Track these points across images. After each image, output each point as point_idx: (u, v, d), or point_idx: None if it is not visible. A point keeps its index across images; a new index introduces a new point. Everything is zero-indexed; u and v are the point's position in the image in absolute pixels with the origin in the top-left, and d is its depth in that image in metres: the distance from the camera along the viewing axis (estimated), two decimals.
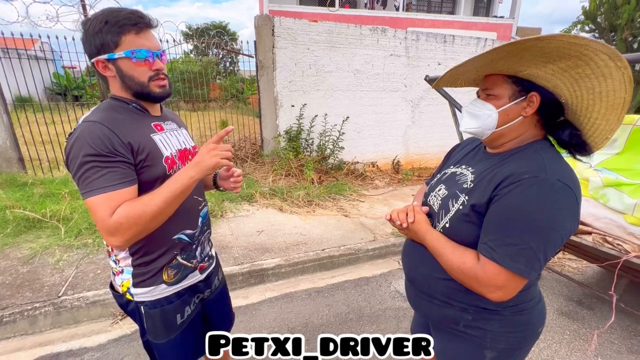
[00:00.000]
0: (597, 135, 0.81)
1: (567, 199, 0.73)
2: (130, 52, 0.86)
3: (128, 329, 2.02)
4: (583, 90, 0.76)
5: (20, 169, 4.24)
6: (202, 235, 1.13)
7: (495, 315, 0.90)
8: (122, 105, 0.93)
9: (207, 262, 1.17)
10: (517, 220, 0.74)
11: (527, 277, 0.75)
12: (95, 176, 0.81)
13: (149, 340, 1.07)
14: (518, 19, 12.31)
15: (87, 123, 0.84)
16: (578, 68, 0.73)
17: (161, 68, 0.92)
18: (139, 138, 0.89)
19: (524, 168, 0.77)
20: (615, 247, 1.57)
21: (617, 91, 0.73)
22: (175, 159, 0.99)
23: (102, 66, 0.89)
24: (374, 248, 3.03)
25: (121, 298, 1.04)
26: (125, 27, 0.85)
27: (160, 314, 1.02)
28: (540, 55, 0.74)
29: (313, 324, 2.13)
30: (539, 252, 0.73)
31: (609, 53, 0.68)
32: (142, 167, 0.89)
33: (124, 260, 0.98)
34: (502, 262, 0.74)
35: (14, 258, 2.52)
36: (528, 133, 0.86)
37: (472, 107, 0.90)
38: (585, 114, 0.80)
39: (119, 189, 0.83)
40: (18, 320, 1.95)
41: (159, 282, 1.00)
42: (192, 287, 1.10)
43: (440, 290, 0.94)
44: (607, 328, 2.15)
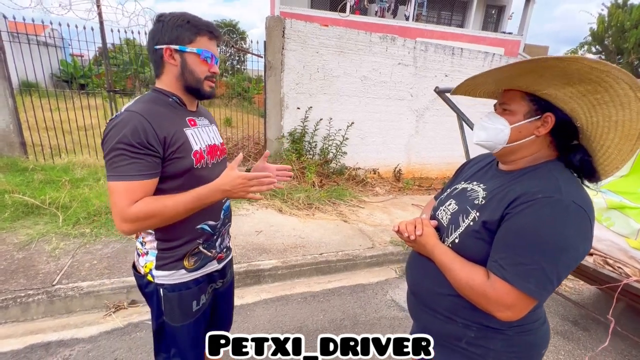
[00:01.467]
0: (607, 163, 0.81)
1: (582, 221, 0.73)
2: (201, 50, 0.98)
3: (121, 322, 2.00)
4: (600, 116, 0.76)
5: (22, 153, 4.23)
6: (224, 227, 1.19)
7: (499, 334, 0.89)
8: (163, 98, 1.01)
9: (225, 253, 1.24)
10: (529, 240, 0.73)
11: (538, 298, 0.74)
12: (122, 163, 0.87)
13: (165, 322, 1.12)
14: (526, 36, 12.41)
15: (129, 113, 0.90)
16: (597, 94, 0.73)
17: (216, 72, 1.05)
18: (173, 131, 0.95)
19: (537, 187, 0.77)
20: (615, 270, 1.56)
21: (634, 122, 0.73)
22: (204, 154, 1.05)
23: (169, 54, 0.97)
24: (371, 255, 3.02)
25: (142, 279, 1.10)
26: (202, 30, 0.99)
27: (178, 298, 1.08)
28: (561, 76, 0.73)
29: (307, 328, 2.11)
30: (552, 273, 0.72)
31: (630, 83, 0.68)
32: (172, 158, 0.95)
33: (150, 243, 1.04)
34: (512, 281, 0.73)
35: (9, 243, 2.50)
36: (541, 152, 0.85)
37: (487, 119, 0.90)
38: (599, 141, 0.80)
39: (140, 180, 0.89)
40: (10, 307, 1.93)
41: (179, 267, 1.06)
42: (208, 276, 1.17)
43: (445, 305, 0.93)
44: (602, 352, 2.14)
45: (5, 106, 4.01)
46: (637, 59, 8.43)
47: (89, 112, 5.30)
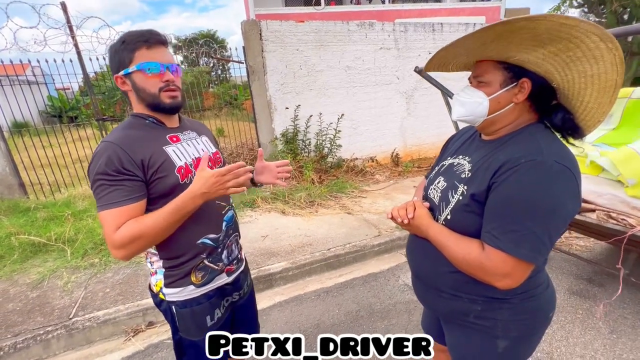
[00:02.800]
0: (589, 118, 0.81)
1: (566, 180, 0.73)
2: (140, 65, 0.93)
3: (141, 345, 2.02)
4: (574, 73, 0.75)
5: (22, 194, 4.26)
6: (228, 239, 1.17)
7: (505, 303, 0.89)
8: (140, 122, 1.01)
9: (235, 265, 1.21)
10: (518, 207, 0.73)
11: (534, 262, 0.74)
12: (103, 193, 0.89)
13: (182, 338, 1.13)
14: (506, 0, 12.26)
15: (104, 143, 0.92)
16: (569, 51, 0.72)
17: (171, 79, 0.98)
18: (150, 152, 0.95)
19: (520, 152, 0.77)
20: (620, 222, 1.56)
21: (609, 73, 0.72)
22: (191, 168, 1.03)
23: (120, 82, 0.98)
24: (379, 243, 3.03)
25: (156, 297, 1.12)
26: (138, 44, 0.94)
27: (191, 314, 1.09)
28: (531, 39, 0.72)
29: (325, 324, 2.13)
30: (544, 236, 0.73)
31: (599, 34, 0.67)
32: (155, 179, 0.95)
33: (156, 262, 1.06)
34: (506, 249, 0.74)
35: (22, 284, 2.53)
36: (522, 118, 0.85)
37: (463, 95, 0.89)
38: (577, 97, 0.79)
39: (124, 206, 0.89)
40: (32, 346, 1.96)
41: (187, 283, 1.07)
42: (220, 289, 1.16)
43: (448, 283, 0.94)
44: (619, 303, 2.14)
45: None
46: (621, 7, 8.28)
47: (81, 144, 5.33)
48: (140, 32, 0.96)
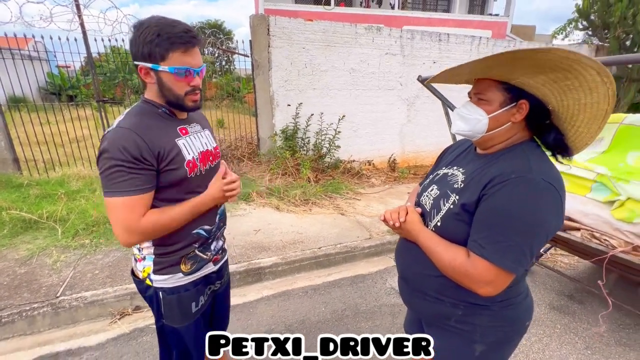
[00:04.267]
0: (579, 141, 0.85)
1: (551, 197, 0.77)
2: (174, 69, 0.92)
3: (127, 328, 2.04)
4: (570, 100, 0.79)
5: (15, 170, 4.22)
6: (219, 231, 1.22)
7: (485, 310, 0.93)
8: (152, 110, 1.01)
9: (221, 255, 1.27)
10: (505, 219, 0.77)
11: (515, 273, 0.78)
12: (120, 179, 0.89)
13: (164, 325, 1.15)
14: (513, 16, 12.38)
15: (122, 129, 0.92)
16: (567, 80, 0.76)
17: (198, 85, 0.99)
18: (165, 144, 0.97)
19: (511, 168, 0.80)
20: (602, 243, 1.61)
21: (601, 103, 0.76)
22: (197, 162, 1.06)
23: (144, 72, 0.95)
24: (369, 246, 3.07)
25: (141, 284, 1.13)
26: (175, 45, 0.90)
27: (177, 301, 1.11)
28: (534, 66, 0.76)
29: (310, 321, 2.16)
30: (526, 248, 0.76)
31: (597, 69, 0.71)
32: (166, 170, 0.97)
33: (147, 249, 1.07)
34: (491, 258, 0.77)
35: (11, 259, 2.52)
36: (516, 135, 0.89)
37: (464, 110, 0.92)
38: (570, 121, 0.83)
39: (139, 195, 0.92)
40: (17, 321, 1.96)
41: (177, 270, 1.09)
42: (206, 278, 1.20)
43: (433, 286, 0.97)
44: (597, 321, 2.20)
45: None
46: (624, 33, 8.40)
47: (79, 124, 5.30)
48: (179, 31, 0.91)
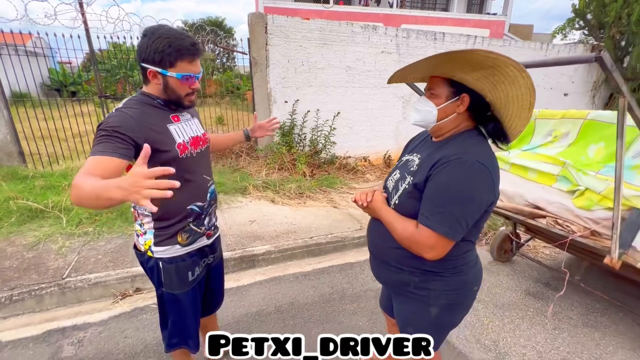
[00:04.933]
0: (513, 128, 0.99)
1: (483, 176, 0.91)
2: (181, 75, 1.09)
3: (128, 307, 2.19)
4: (500, 93, 0.94)
5: (20, 162, 4.37)
6: (210, 208, 1.36)
7: (438, 276, 1.08)
8: (149, 101, 1.16)
9: (213, 231, 1.43)
10: (443, 193, 0.92)
11: (452, 239, 0.93)
12: (95, 143, 0.99)
13: (164, 293, 1.31)
14: (511, 16, 12.45)
15: (119, 111, 1.07)
16: (495, 76, 0.90)
17: (197, 88, 1.16)
18: (156, 128, 1.12)
19: (452, 152, 0.95)
20: (564, 228, 1.75)
21: (524, 95, 0.91)
22: (187, 145, 1.21)
23: (152, 74, 1.10)
24: (360, 236, 3.21)
25: (142, 256, 1.28)
26: (183, 56, 1.06)
27: (175, 270, 1.27)
28: (467, 65, 0.91)
29: (299, 302, 2.31)
30: (461, 218, 0.91)
31: (515, 65, 0.86)
32: (159, 151, 1.10)
33: (147, 223, 1.22)
34: (432, 226, 0.92)
35: (19, 245, 2.67)
36: (462, 124, 1.03)
37: (418, 104, 1.07)
38: (503, 111, 0.97)
39: (104, 156, 0.95)
40: (26, 299, 2.11)
41: (174, 242, 1.24)
42: (200, 250, 1.35)
43: (393, 257, 1.12)
44: (569, 306, 2.35)
45: (1, 117, 4.14)
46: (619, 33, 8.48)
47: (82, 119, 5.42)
48: (187, 44, 1.05)
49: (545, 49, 7.16)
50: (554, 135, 2.08)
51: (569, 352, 1.93)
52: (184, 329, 1.42)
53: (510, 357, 1.88)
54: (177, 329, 1.41)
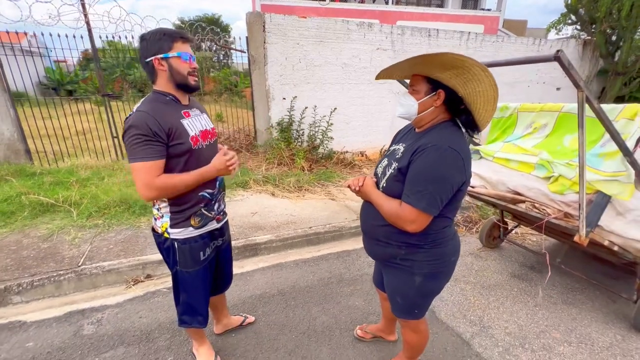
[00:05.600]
0: (481, 119, 1.16)
1: (454, 159, 1.07)
2: (179, 53, 1.28)
3: (140, 292, 2.35)
4: (469, 89, 1.10)
5: (27, 160, 4.51)
6: (219, 195, 1.53)
7: (420, 249, 1.24)
8: (162, 98, 1.32)
9: (222, 216, 1.59)
10: (422, 175, 1.09)
11: (430, 213, 1.09)
12: (141, 148, 1.20)
13: (178, 271, 1.47)
14: (505, 11, 12.59)
15: (140, 112, 1.23)
16: (464, 75, 1.07)
17: (196, 67, 1.35)
18: (173, 123, 1.28)
19: (429, 140, 1.11)
20: (541, 212, 1.92)
21: (488, 91, 1.08)
22: (199, 138, 1.37)
23: (157, 63, 1.27)
24: (356, 226, 3.38)
25: (160, 237, 1.45)
26: (176, 37, 1.28)
27: (189, 249, 1.43)
28: (440, 65, 1.08)
29: (299, 286, 2.48)
30: (437, 195, 1.08)
31: (479, 66, 1.03)
32: (175, 143, 1.27)
33: (164, 208, 1.38)
34: (413, 203, 1.09)
35: (34, 236, 2.83)
36: (439, 117, 1.19)
37: (402, 98, 1.23)
38: (473, 104, 1.13)
39: (154, 160, 1.23)
40: (46, 285, 2.27)
41: (188, 225, 1.41)
42: (210, 233, 1.52)
43: (382, 233, 1.28)
44: (551, 286, 2.53)
45: (8, 116, 4.27)
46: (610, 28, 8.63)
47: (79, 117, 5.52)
48: (176, 30, 1.32)
49: (538, 44, 7.31)
50: (534, 127, 2.24)
51: (547, 325, 2.11)
52: (194, 306, 1.57)
53: (493, 330, 2.06)
54: (187, 306, 1.57)
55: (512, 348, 1.91)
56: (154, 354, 1.81)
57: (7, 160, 4.38)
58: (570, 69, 1.21)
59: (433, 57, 1.03)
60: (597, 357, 1.87)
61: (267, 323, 2.07)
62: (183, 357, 1.79)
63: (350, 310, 2.21)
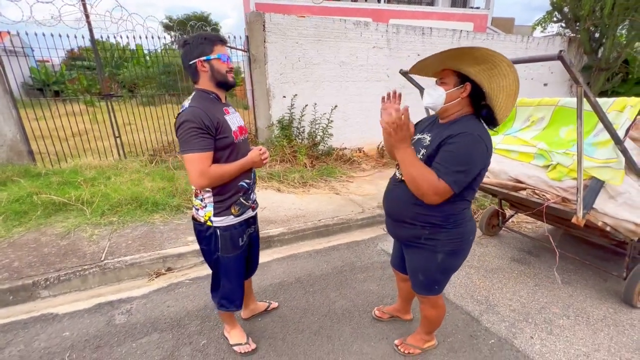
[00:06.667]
0: (501, 113, 1.31)
1: (481, 146, 1.22)
2: (219, 55, 1.42)
3: (164, 283, 2.45)
4: (494, 84, 1.25)
5: (30, 161, 4.50)
6: (254, 185, 1.67)
7: (443, 229, 1.39)
8: (207, 96, 1.44)
9: (255, 204, 1.73)
10: (456, 157, 1.22)
11: (454, 189, 1.22)
12: (195, 140, 1.31)
13: (220, 257, 1.59)
14: (493, 9, 12.92)
15: (193, 108, 1.34)
16: (491, 70, 1.22)
17: (233, 67, 1.50)
18: (220, 119, 1.40)
19: (458, 129, 1.26)
20: (541, 197, 2.10)
21: (511, 86, 1.22)
22: (237, 133, 1.50)
23: (200, 65, 1.40)
24: (362, 218, 3.53)
25: (202, 225, 1.56)
26: (216, 41, 1.43)
27: (230, 236, 1.55)
28: (471, 59, 1.22)
29: (315, 274, 2.61)
30: (464, 176, 1.22)
31: (507, 62, 1.18)
32: (221, 137, 1.40)
33: (208, 198, 1.50)
34: (446, 179, 1.22)
35: (51, 234, 2.88)
36: (463, 109, 1.34)
37: (431, 89, 1.37)
38: (495, 99, 1.28)
39: (207, 152, 1.34)
40: (72, 279, 2.34)
41: (229, 214, 1.53)
42: (246, 221, 1.65)
43: (409, 215, 1.42)
44: (549, 267, 2.72)
45: (10, 117, 4.26)
46: (593, 25, 8.95)
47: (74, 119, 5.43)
48: (216, 35, 1.46)
49: (526, 42, 7.59)
50: (532, 120, 2.42)
51: (547, 302, 2.30)
52: (233, 290, 1.69)
53: (498, 308, 2.23)
54: (227, 291, 1.69)
55: (517, 322, 2.09)
56: (187, 338, 1.91)
57: (10, 161, 4.37)
58: (571, 66, 1.37)
59: (468, 50, 1.17)
60: (593, 327, 2.06)
61: (289, 308, 2.20)
62: (215, 339, 1.91)
63: (366, 295, 2.36)
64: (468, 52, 1.19)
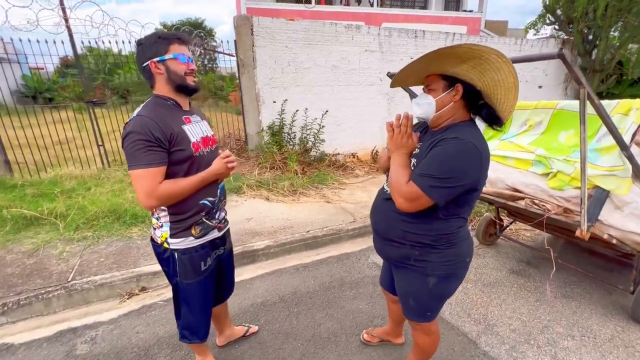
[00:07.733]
0: (504, 110, 1.15)
1: (474, 155, 1.06)
2: (176, 55, 1.24)
3: (136, 305, 2.25)
4: (488, 80, 1.09)
5: (6, 171, 4.30)
6: (220, 203, 1.48)
7: (434, 249, 1.22)
8: (163, 102, 1.27)
9: (223, 224, 1.53)
10: (438, 161, 1.07)
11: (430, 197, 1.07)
12: (142, 155, 1.14)
13: (178, 282, 1.40)
14: (486, 12, 12.92)
15: (142, 117, 1.17)
16: (481, 65, 1.06)
17: (194, 69, 1.30)
18: (175, 129, 1.22)
19: (451, 135, 1.10)
20: (540, 208, 1.94)
21: (508, 79, 1.07)
22: (200, 144, 1.32)
23: (154, 66, 1.24)
24: (353, 228, 3.36)
25: (159, 247, 1.38)
26: (172, 40, 1.25)
27: (189, 260, 1.36)
28: (456, 58, 1.06)
29: (301, 292, 2.43)
30: (445, 183, 1.06)
31: (496, 53, 1.02)
32: (176, 149, 1.22)
33: (164, 217, 1.31)
34: (416, 181, 1.08)
35: (18, 252, 2.68)
36: (458, 114, 1.18)
37: (418, 99, 1.21)
38: (493, 96, 1.13)
39: (156, 167, 1.17)
40: (34, 303, 2.15)
41: (188, 235, 1.34)
42: (212, 242, 1.45)
43: (397, 234, 1.26)
44: (548, 280, 2.56)
45: None
46: (586, 27, 8.92)
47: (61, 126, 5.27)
48: (172, 32, 1.29)
49: (520, 44, 7.51)
50: (529, 124, 2.28)
51: (550, 320, 2.13)
52: (196, 320, 1.51)
53: (497, 328, 2.06)
54: (188, 320, 1.51)
55: (518, 345, 1.92)
56: None
57: None
58: (573, 65, 1.22)
59: (448, 50, 1.02)
60: (601, 349, 1.89)
61: (270, 332, 2.02)
62: None
63: (354, 315, 2.18)
64: (449, 52, 1.04)
